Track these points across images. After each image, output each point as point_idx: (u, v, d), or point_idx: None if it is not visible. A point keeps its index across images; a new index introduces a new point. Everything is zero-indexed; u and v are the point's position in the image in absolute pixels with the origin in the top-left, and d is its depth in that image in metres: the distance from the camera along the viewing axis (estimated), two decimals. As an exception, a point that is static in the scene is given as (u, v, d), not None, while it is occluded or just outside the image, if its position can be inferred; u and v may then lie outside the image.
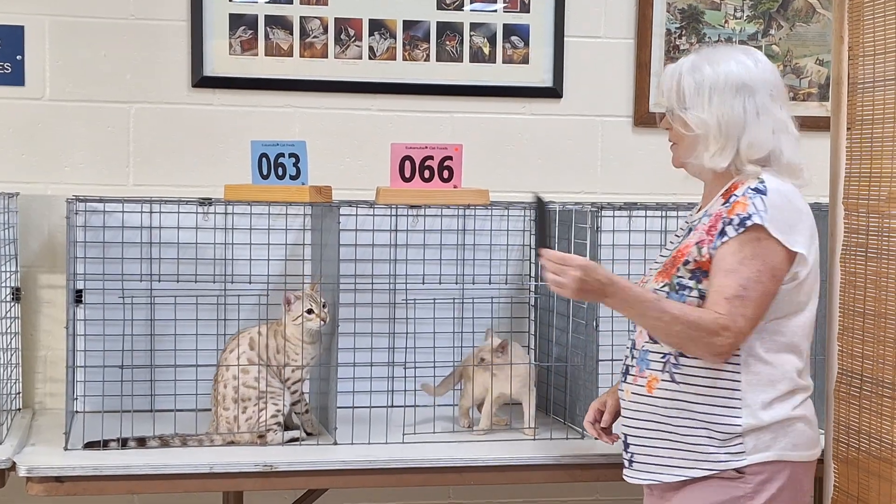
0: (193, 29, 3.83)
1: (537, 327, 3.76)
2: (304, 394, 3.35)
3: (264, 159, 3.32)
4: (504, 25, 4.00)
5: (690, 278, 2.78)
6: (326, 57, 3.92)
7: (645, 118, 4.06)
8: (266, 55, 3.88)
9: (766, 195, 2.73)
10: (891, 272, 2.99)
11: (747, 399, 2.76)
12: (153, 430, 3.24)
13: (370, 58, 3.94)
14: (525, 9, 4.00)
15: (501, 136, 4.02)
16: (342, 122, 3.93)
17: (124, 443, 3.17)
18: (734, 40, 4.12)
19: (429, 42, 3.96)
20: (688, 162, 2.87)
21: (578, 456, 3.29)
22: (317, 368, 3.39)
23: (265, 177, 3.32)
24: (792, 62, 4.17)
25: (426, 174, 3.32)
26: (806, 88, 4.18)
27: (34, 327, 3.77)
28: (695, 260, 2.78)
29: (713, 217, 2.79)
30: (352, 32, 3.92)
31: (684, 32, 4.10)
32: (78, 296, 3.46)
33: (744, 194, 2.75)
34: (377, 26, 3.93)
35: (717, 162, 2.79)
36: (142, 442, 3.20)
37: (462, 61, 3.99)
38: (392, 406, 3.59)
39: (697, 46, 4.05)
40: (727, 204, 2.77)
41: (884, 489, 3.01)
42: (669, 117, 2.87)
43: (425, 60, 3.97)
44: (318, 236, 3.56)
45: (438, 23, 3.96)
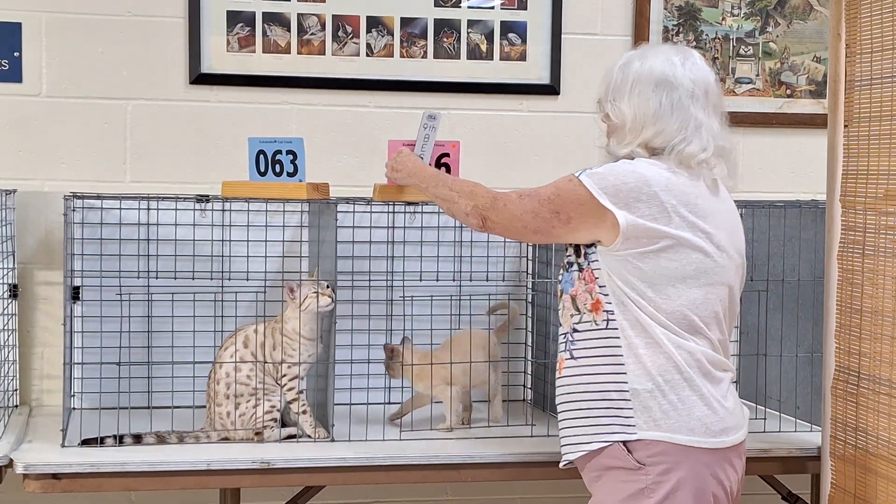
0: (191, 25, 3.82)
1: (534, 324, 3.76)
2: (302, 392, 3.33)
3: (262, 156, 3.31)
4: (501, 22, 4.00)
5: (567, 253, 2.91)
6: (324, 54, 3.91)
7: (642, 115, 4.05)
8: (264, 52, 3.88)
9: (616, 164, 2.83)
10: (888, 269, 3.00)
11: (629, 364, 2.79)
12: (150, 427, 3.24)
13: (368, 55, 3.93)
14: (522, 6, 4.00)
15: (499, 133, 4.02)
16: (340, 119, 3.93)
17: (121, 439, 3.17)
18: (731, 37, 4.12)
19: (426, 39, 3.96)
20: (601, 148, 2.97)
21: (575, 453, 3.28)
22: (314, 365, 3.38)
23: (262, 174, 3.32)
24: (789, 59, 4.17)
25: (424, 171, 3.32)
26: (803, 86, 4.18)
27: (31, 324, 3.77)
28: None
29: None
30: (349, 29, 3.91)
31: (682, 30, 4.10)
32: (75, 292, 3.46)
33: None
34: (375, 23, 3.93)
35: (619, 149, 2.88)
36: (138, 439, 3.20)
37: (459, 58, 3.99)
38: (389, 403, 3.58)
39: (693, 44, 4.07)
40: None
41: (881, 486, 3.02)
42: (598, 108, 2.96)
43: (423, 57, 3.97)
44: (316, 233, 3.56)
45: (436, 20, 3.96)
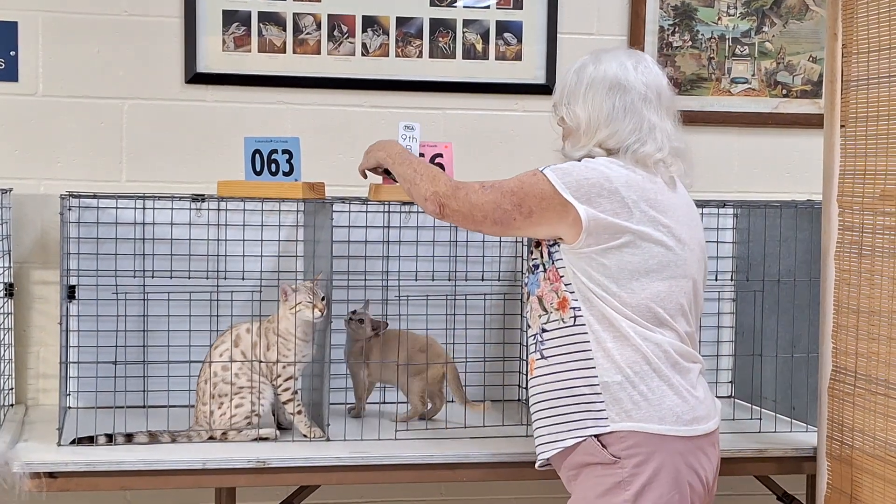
0: (187, 25, 3.82)
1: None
2: (297, 393, 3.33)
3: (257, 155, 3.31)
4: (497, 22, 4.00)
5: (533, 256, 2.93)
6: (319, 53, 3.91)
7: (638, 115, 4.06)
8: (259, 51, 3.88)
9: (578, 162, 2.85)
10: (884, 269, 3.00)
11: (598, 358, 2.80)
12: (146, 426, 3.24)
13: (363, 54, 3.93)
14: (518, 5, 4.00)
15: (494, 133, 4.02)
16: (335, 119, 3.93)
17: (113, 439, 3.17)
18: (727, 37, 4.12)
19: (422, 39, 3.96)
20: (557, 151, 2.98)
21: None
22: (309, 365, 3.38)
23: (258, 173, 3.32)
24: (785, 59, 4.17)
25: (419, 171, 3.32)
26: (799, 86, 4.18)
27: (27, 323, 3.76)
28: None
29: None
30: (345, 29, 3.91)
31: (677, 29, 4.10)
32: (71, 292, 3.46)
33: None
34: (370, 23, 3.93)
35: (574, 152, 2.90)
36: (130, 438, 3.19)
37: (455, 58, 3.99)
38: (384, 402, 3.59)
39: (690, 44, 4.07)
40: None
41: (877, 486, 3.02)
42: (553, 112, 2.98)
43: (418, 57, 3.96)
44: (311, 233, 3.56)
45: (431, 19, 3.96)
